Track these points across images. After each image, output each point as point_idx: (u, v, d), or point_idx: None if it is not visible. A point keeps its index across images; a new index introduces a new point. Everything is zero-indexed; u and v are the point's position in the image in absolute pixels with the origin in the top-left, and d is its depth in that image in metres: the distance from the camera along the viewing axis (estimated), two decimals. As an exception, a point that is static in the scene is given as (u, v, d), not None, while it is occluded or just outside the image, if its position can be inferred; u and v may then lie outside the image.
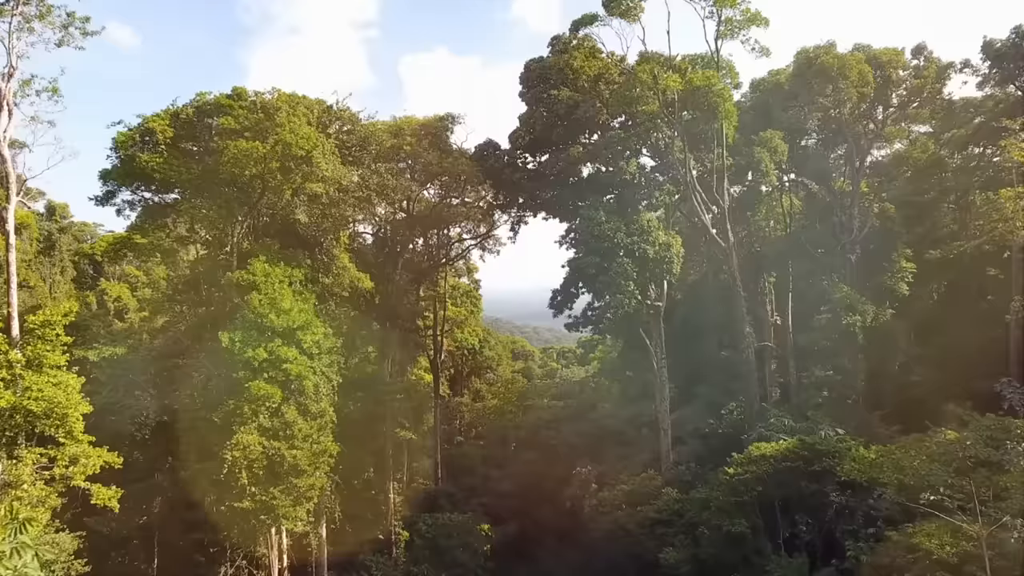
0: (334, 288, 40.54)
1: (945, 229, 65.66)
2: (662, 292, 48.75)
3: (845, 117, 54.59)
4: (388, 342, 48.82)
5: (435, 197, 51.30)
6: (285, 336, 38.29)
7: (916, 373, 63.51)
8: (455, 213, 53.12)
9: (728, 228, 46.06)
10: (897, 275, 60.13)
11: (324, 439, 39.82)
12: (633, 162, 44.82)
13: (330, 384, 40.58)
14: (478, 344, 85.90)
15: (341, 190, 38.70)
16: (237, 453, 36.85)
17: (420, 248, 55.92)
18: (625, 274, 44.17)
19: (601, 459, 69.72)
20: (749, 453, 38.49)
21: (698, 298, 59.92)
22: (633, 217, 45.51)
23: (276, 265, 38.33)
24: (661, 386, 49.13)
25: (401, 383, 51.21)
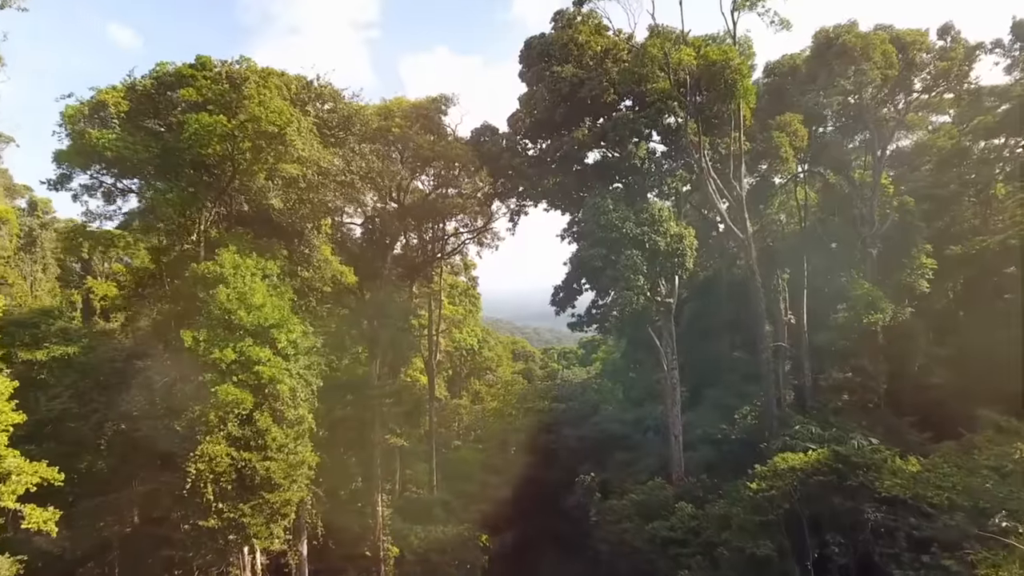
0: (314, 282, 35.62)
1: (966, 224, 60.83)
2: (673, 288, 43.78)
3: (866, 102, 49.61)
4: (377, 342, 43.91)
5: (428, 186, 46.42)
6: (257, 335, 33.35)
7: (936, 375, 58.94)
8: (450, 205, 48.15)
9: (746, 217, 41.09)
10: (916, 271, 55.18)
11: (302, 449, 34.85)
12: (643, 146, 39.92)
13: (309, 388, 35.63)
14: (477, 344, 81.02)
15: (321, 173, 33.79)
16: (202, 465, 31.91)
17: (413, 242, 50.97)
18: (634, 267, 39.22)
19: (605, 465, 64.74)
20: (774, 465, 33.44)
21: (709, 295, 54.93)
22: (643, 206, 40.59)
23: (247, 256, 33.40)
24: (672, 389, 44.13)
25: (391, 386, 46.26)
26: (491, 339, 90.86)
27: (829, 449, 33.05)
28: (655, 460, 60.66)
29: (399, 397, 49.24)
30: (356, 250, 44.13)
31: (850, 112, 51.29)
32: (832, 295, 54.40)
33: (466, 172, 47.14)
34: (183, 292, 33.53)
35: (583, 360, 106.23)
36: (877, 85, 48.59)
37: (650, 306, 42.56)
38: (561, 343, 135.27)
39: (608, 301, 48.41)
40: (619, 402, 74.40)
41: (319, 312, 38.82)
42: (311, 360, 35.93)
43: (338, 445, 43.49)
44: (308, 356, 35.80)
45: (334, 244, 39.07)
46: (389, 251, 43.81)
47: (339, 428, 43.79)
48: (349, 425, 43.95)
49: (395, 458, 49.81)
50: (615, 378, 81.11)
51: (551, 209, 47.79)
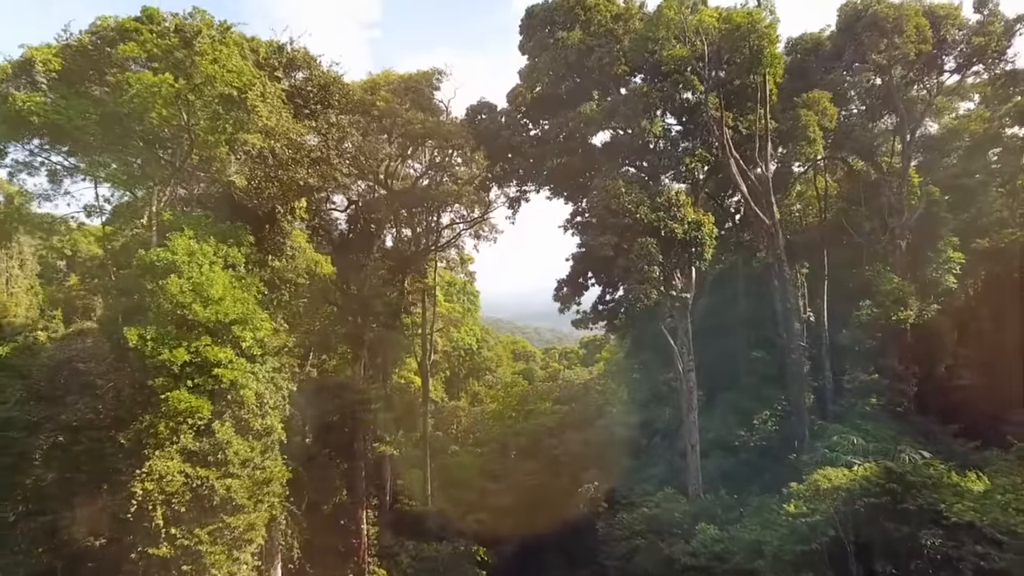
0: (286, 273, 30.17)
1: (994, 216, 55.30)
2: (690, 281, 38.28)
3: (896, 82, 44.14)
4: (361, 341, 38.45)
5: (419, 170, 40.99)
6: (217, 333, 27.84)
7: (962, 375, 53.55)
8: (444, 192, 42.67)
9: (772, 201, 35.60)
10: (943, 266, 49.63)
11: (271, 463, 29.38)
12: (658, 123, 34.44)
13: (280, 393, 30.14)
14: (476, 344, 75.62)
15: (292, 147, 28.35)
16: (150, 485, 26.45)
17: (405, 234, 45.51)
18: (648, 257, 33.76)
19: (610, 471, 59.11)
20: (814, 484, 27.85)
21: (723, 291, 49.33)
22: (658, 189, 35.17)
23: (205, 241, 27.91)
24: (688, 393, 38.62)
25: (378, 389, 40.76)
26: (490, 339, 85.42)
27: (879, 465, 27.47)
28: (664, 468, 55.13)
29: (389, 401, 43.76)
30: (340, 240, 38.75)
31: (877, 93, 45.82)
32: (854, 290, 48.86)
33: (461, 155, 41.70)
34: (132, 284, 28.03)
35: (585, 360, 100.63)
36: (909, 62, 43.16)
37: (664, 301, 37.07)
38: (562, 343, 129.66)
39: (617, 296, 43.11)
40: (624, 404, 68.76)
41: (295, 307, 33.37)
42: (282, 361, 30.47)
43: (321, 455, 37.99)
44: (279, 357, 30.33)
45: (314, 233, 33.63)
46: (375, 240, 38.34)
47: (323, 436, 38.32)
48: (333, 433, 38.45)
49: (386, 467, 44.31)
50: (619, 379, 75.57)
51: (554, 197, 42.37)
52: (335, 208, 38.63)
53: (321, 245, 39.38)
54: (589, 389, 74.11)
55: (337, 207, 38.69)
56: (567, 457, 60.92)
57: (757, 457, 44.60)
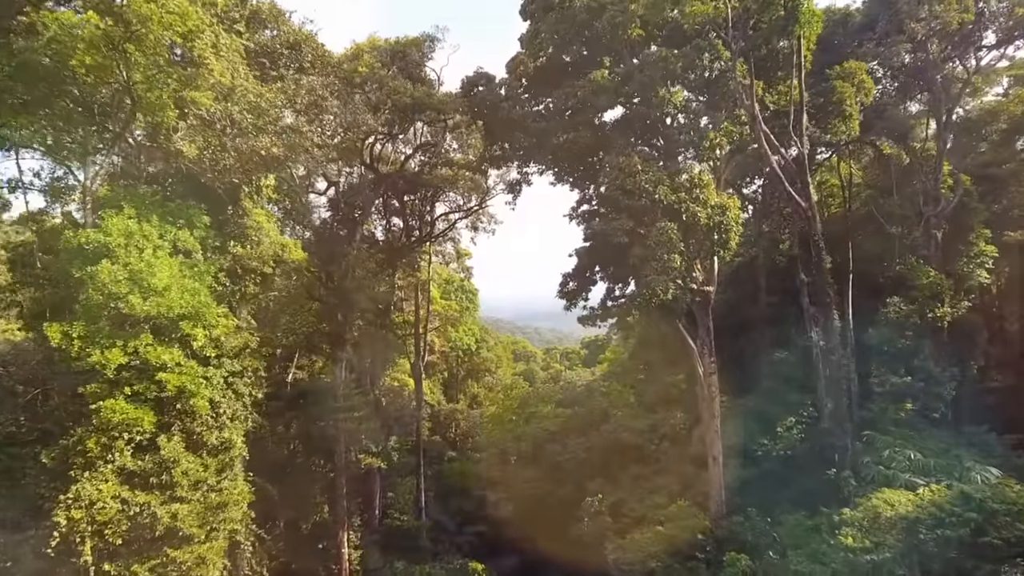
0: (250, 261, 25.01)
1: (1028, 207, 50.22)
2: (712, 273, 33.03)
3: (932, 56, 38.99)
4: (342, 341, 33.25)
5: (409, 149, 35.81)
6: (162, 330, 22.71)
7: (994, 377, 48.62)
8: (437, 178, 37.57)
9: (809, 181, 30.39)
10: (974, 260, 44.49)
11: (228, 483, 24.16)
12: (678, 92, 29.33)
13: (240, 401, 24.95)
14: (475, 344, 70.33)
15: (254, 112, 23.25)
16: (77, 513, 21.28)
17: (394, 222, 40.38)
18: (669, 244, 28.54)
19: (617, 480, 53.85)
20: (873, 510, 22.63)
21: (742, 286, 44.06)
22: (679, 167, 30.03)
23: (148, 221, 22.73)
24: (710, 399, 33.38)
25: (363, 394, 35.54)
26: (490, 338, 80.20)
27: (951, 488, 22.24)
28: (674, 477, 49.89)
29: (377, 406, 38.54)
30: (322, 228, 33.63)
31: (909, 70, 40.64)
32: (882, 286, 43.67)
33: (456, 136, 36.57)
34: (60, 272, 22.82)
35: (586, 361, 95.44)
36: (948, 34, 38.05)
37: (683, 295, 31.85)
38: (563, 343, 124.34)
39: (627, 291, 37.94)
40: (630, 407, 63.51)
41: (263, 302, 28.22)
42: (245, 364, 25.23)
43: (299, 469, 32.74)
44: (240, 359, 25.10)
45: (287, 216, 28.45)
46: (358, 227, 33.13)
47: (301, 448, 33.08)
48: (313, 444, 33.23)
49: (374, 480, 39.03)
50: (624, 381, 70.32)
51: (558, 183, 37.05)
52: (315, 192, 33.41)
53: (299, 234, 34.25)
54: (592, 391, 68.73)
55: (317, 191, 33.48)
56: (571, 464, 55.62)
57: (781, 468, 39.33)
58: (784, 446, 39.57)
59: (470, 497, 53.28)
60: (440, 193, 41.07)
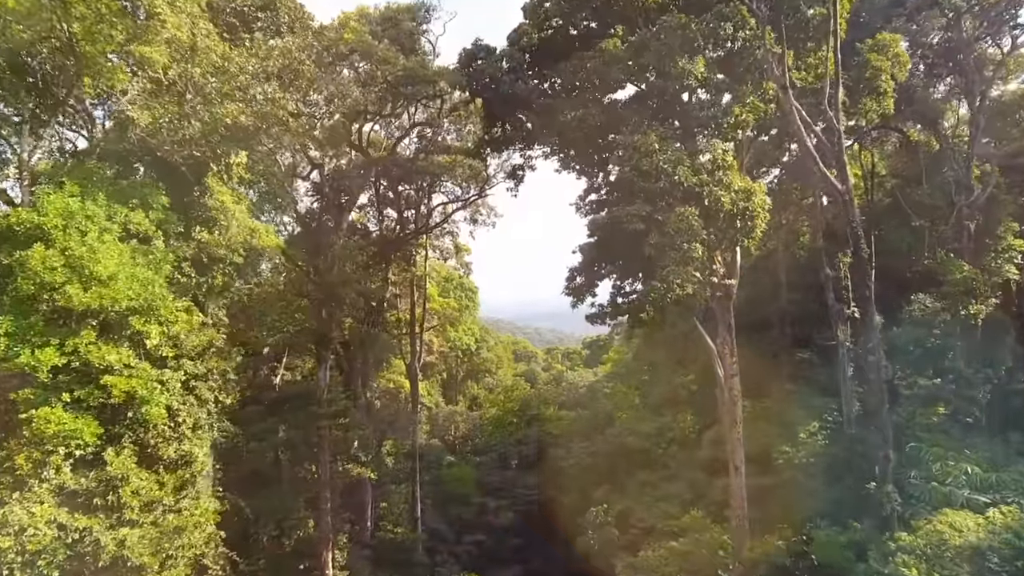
0: (217, 248, 21.42)
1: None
2: (734, 265, 29.38)
3: (966, 34, 35.46)
4: (326, 340, 29.57)
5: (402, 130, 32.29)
6: (109, 326, 19.12)
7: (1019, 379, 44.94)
8: (433, 165, 34.00)
9: (845, 161, 26.76)
10: (1002, 255, 40.83)
11: (189, 503, 20.52)
12: (700, 62, 25.71)
13: (205, 408, 21.31)
14: (474, 344, 66.69)
15: (219, 74, 19.70)
16: (5, 541, 17.63)
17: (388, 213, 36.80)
18: (690, 231, 24.94)
19: (623, 487, 50.22)
20: (938, 536, 18.99)
21: (760, 282, 40.39)
22: (699, 147, 26.42)
23: (94, 200, 19.12)
24: (731, 403, 29.72)
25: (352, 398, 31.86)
26: (490, 338, 76.59)
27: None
28: (684, 484, 46.31)
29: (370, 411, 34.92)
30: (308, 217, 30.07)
31: (941, 49, 37.09)
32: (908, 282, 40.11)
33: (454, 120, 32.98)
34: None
35: (588, 361, 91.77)
36: (984, 8, 34.51)
37: (702, 289, 28.24)
38: (563, 343, 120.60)
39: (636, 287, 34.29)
40: (635, 409, 59.90)
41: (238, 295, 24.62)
42: (210, 365, 21.59)
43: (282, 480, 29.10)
44: (204, 360, 21.46)
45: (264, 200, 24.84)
46: (345, 214, 29.49)
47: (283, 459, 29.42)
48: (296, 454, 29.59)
49: (365, 490, 35.36)
50: (628, 382, 66.70)
51: (564, 169, 33.37)
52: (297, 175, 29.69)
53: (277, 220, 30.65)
54: (596, 393, 65.13)
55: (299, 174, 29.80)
56: (575, 469, 52.09)
57: (804, 477, 35.66)
58: (807, 453, 35.97)
59: (469, 504, 49.69)
60: (437, 182, 37.49)
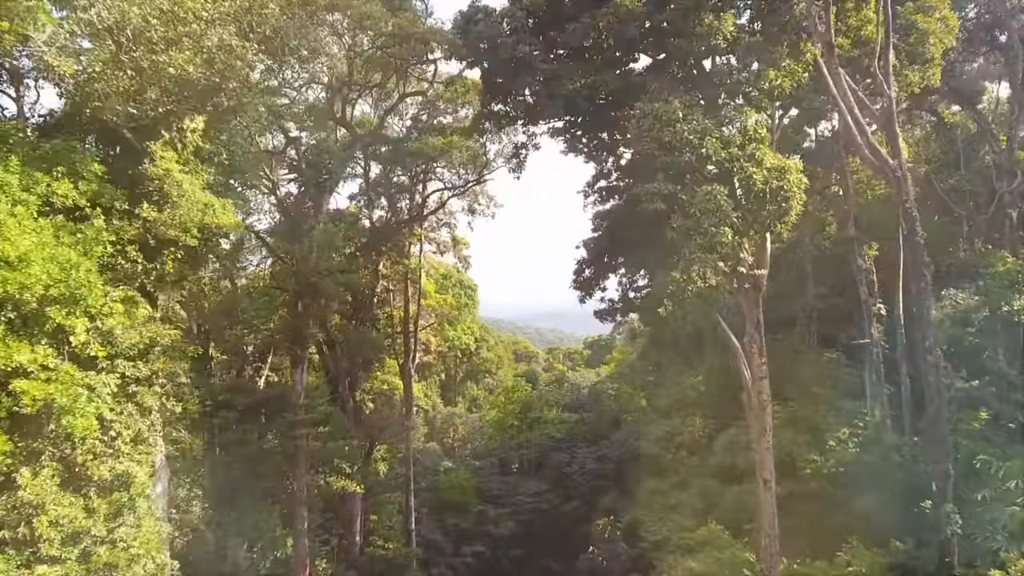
0: (167, 228, 17.60)
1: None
2: (764, 253, 25.47)
3: (1009, 4, 31.69)
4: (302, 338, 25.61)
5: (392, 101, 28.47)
6: (26, 320, 15.28)
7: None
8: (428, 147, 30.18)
9: (897, 132, 22.93)
10: (1032, 247, 36.98)
11: (128, 531, 16.61)
12: (729, 18, 21.91)
13: (148, 419, 17.42)
14: (474, 344, 62.80)
15: (165, 20, 15.89)
16: None
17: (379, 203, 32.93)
18: (718, 213, 21.10)
19: (633, 495, 46.26)
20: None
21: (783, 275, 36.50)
22: (730, 116, 22.58)
23: (5, 165, 15.27)
24: (759, 409, 25.81)
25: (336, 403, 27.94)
26: (490, 338, 72.76)
27: None
28: (696, 493, 42.39)
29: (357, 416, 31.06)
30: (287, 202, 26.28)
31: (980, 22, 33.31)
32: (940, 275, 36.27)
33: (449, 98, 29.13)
34: None
35: (590, 361, 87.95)
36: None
37: (727, 281, 24.46)
38: (564, 343, 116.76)
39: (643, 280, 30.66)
40: (642, 412, 56.04)
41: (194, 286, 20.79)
42: (156, 367, 17.70)
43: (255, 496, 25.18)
44: (148, 361, 17.57)
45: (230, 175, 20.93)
46: (325, 196, 25.59)
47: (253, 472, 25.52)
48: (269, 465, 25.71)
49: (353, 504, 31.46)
50: (633, 383, 62.84)
51: (570, 151, 29.58)
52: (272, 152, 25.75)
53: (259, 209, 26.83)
54: (599, 394, 61.30)
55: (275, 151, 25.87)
56: (579, 475, 48.33)
57: (834, 488, 31.82)
58: (836, 461, 32.09)
59: (468, 512, 45.76)
60: (431, 168, 33.69)
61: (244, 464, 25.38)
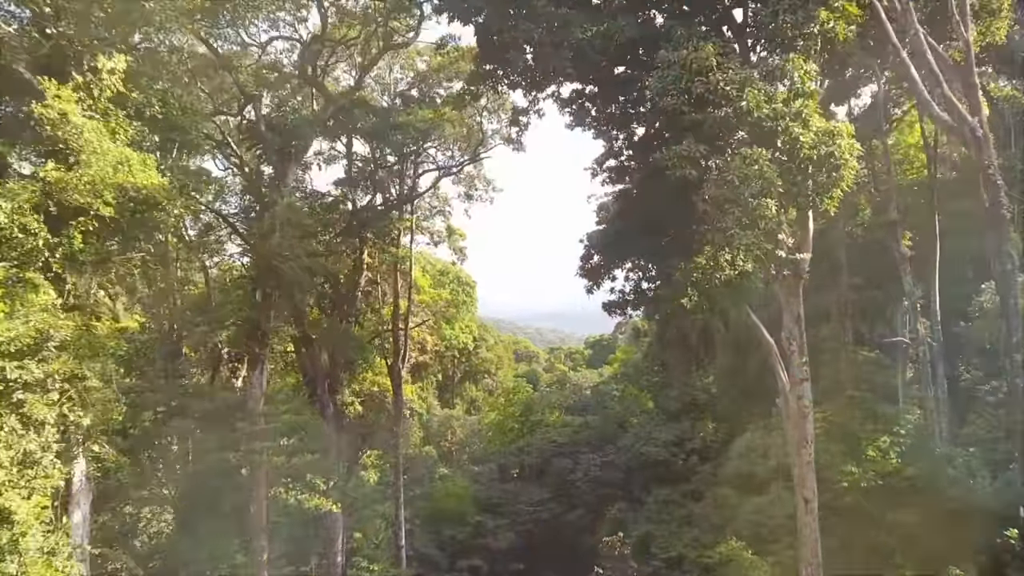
0: (72, 193, 13.44)
1: None
2: (806, 233, 21.12)
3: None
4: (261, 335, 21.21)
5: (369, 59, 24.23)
6: None
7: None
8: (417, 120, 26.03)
9: (977, 84, 18.67)
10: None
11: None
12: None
13: (41, 438, 13.13)
14: (472, 343, 58.56)
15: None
16: None
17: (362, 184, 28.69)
18: (762, 180, 16.88)
19: (640, 504, 42.06)
20: None
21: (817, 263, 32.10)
22: (774, 67, 18.29)
23: None
24: (799, 416, 21.46)
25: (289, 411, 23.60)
26: (490, 337, 68.47)
27: None
28: (711, 504, 38.13)
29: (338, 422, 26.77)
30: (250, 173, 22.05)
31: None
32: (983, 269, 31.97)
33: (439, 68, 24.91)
34: None
35: (591, 362, 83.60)
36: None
37: (764, 266, 20.27)
38: (565, 343, 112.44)
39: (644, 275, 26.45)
40: (648, 415, 51.74)
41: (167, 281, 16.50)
42: (51, 369, 13.42)
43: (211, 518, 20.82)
44: (41, 361, 13.30)
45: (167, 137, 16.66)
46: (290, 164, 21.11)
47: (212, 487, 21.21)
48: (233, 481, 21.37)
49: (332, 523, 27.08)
50: (638, 384, 58.52)
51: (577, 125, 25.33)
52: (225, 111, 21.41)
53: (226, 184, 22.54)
54: (604, 396, 56.96)
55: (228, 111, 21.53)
56: (584, 483, 43.95)
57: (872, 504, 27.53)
58: (876, 474, 27.76)
59: (465, 523, 41.47)
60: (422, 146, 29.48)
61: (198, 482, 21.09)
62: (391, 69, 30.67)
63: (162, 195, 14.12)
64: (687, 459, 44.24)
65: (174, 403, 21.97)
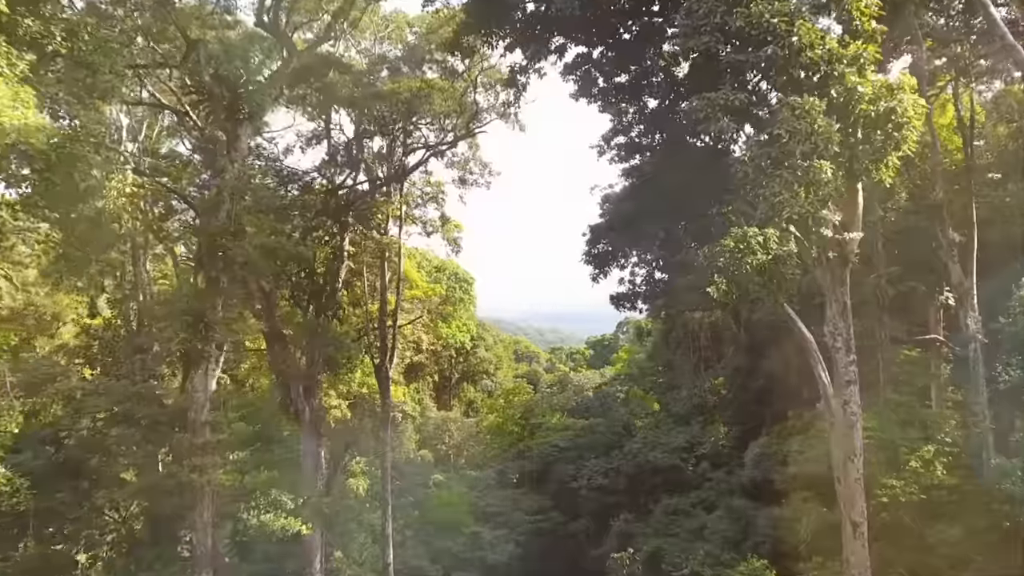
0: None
1: None
2: (855, 209, 17.44)
3: None
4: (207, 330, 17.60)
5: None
6: None
7: None
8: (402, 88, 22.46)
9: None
10: None
11: None
12: None
13: None
14: (470, 342, 54.91)
15: None
16: None
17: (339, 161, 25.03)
18: (814, 137, 13.20)
19: (648, 514, 38.34)
20: None
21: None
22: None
23: None
24: (846, 425, 17.76)
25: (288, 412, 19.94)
26: (488, 336, 64.77)
27: None
28: (726, 515, 34.43)
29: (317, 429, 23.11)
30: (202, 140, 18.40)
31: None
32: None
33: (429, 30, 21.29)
34: None
35: (592, 362, 79.88)
36: None
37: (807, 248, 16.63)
38: (565, 343, 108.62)
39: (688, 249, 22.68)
40: (655, 418, 48.11)
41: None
42: None
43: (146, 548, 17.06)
44: None
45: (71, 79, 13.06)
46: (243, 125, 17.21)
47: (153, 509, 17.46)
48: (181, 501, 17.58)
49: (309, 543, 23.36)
50: (643, 384, 54.96)
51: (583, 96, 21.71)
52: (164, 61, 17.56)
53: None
54: (607, 398, 53.20)
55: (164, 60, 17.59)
56: (587, 490, 40.18)
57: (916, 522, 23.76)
58: (920, 488, 23.96)
59: (460, 535, 37.72)
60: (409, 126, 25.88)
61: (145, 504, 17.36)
62: (381, 41, 27.10)
63: (31, 132, 10.46)
64: (697, 465, 40.65)
65: (116, 409, 18.29)
